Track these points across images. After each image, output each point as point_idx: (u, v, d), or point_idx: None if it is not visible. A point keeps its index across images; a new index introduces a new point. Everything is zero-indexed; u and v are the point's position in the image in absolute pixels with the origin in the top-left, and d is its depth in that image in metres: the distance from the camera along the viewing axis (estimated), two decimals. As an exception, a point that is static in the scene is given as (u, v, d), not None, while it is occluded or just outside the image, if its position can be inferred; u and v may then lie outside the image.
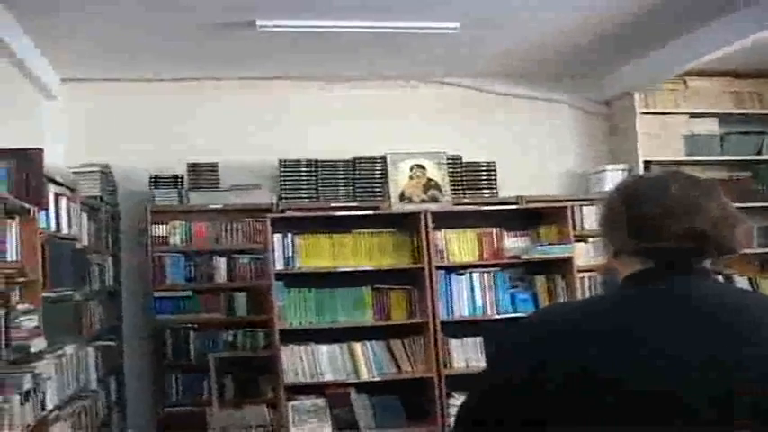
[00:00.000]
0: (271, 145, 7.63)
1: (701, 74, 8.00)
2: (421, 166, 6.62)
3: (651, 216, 1.75)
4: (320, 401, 6.05)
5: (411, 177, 6.60)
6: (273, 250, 6.08)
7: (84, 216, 6.26)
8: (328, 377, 6.07)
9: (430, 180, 6.62)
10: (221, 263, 7.41)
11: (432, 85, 8.13)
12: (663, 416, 1.58)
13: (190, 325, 7.36)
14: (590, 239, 7.25)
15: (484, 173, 7.86)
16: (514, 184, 7.82)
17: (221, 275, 7.41)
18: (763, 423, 1.58)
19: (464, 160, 7.80)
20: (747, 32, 6.49)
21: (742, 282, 8.08)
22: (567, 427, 1.63)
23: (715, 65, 7.55)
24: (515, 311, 6.30)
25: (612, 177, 7.91)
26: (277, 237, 6.12)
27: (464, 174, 7.80)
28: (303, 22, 6.33)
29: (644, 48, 7.45)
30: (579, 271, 6.55)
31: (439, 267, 6.25)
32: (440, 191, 6.61)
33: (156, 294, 7.28)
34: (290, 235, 6.15)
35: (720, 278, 7.25)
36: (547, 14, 6.46)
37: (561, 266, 6.47)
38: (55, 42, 6.56)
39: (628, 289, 1.78)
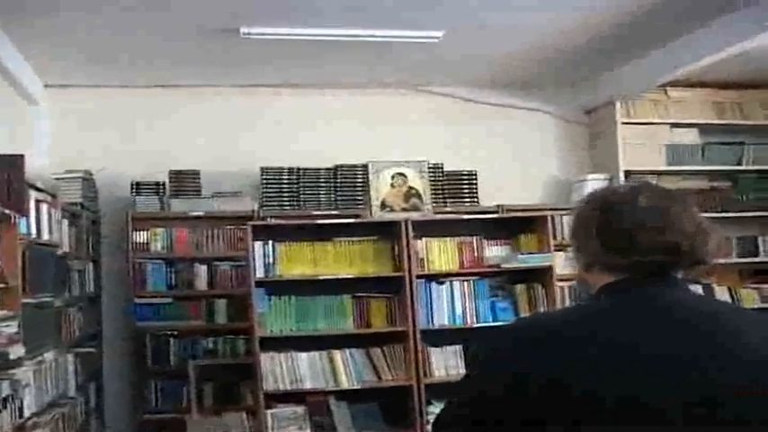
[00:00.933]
0: (253, 152, 7.63)
1: (682, 84, 8.04)
2: (402, 175, 6.64)
3: (622, 230, 1.75)
4: (300, 409, 6.05)
5: (392, 186, 6.61)
6: (254, 258, 6.09)
7: (66, 222, 6.25)
8: (308, 385, 6.08)
9: (411, 189, 6.63)
10: (202, 270, 7.40)
11: (414, 93, 8.15)
12: (642, 423, 1.59)
13: (170, 332, 7.34)
14: (570, 249, 7.26)
15: (465, 182, 7.88)
16: (496, 192, 7.84)
17: (202, 282, 7.39)
18: (742, 427, 1.61)
19: (446, 169, 7.81)
20: (729, 43, 6.53)
21: (721, 292, 8.14)
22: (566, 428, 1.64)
23: (696, 75, 7.61)
24: (495, 320, 6.33)
25: (593, 186, 7.89)
26: (258, 244, 6.12)
27: (445, 182, 7.81)
28: (287, 29, 6.34)
29: (626, 57, 7.49)
30: (559, 280, 6.57)
31: (419, 276, 6.27)
32: (421, 199, 6.62)
33: (137, 301, 7.26)
34: (270, 242, 6.16)
35: (699, 288, 7.32)
36: (529, 24, 6.49)
37: (541, 275, 6.50)
38: (38, 48, 6.54)
39: (603, 299, 1.79)
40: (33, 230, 5.19)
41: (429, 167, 6.96)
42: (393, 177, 6.63)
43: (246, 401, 7.08)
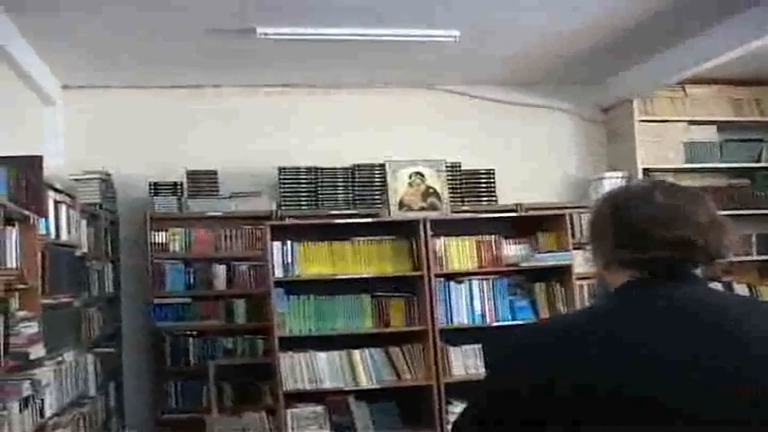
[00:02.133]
0: (270, 152, 7.64)
1: (699, 81, 8.01)
2: (420, 174, 6.63)
3: (638, 226, 1.76)
4: (319, 409, 6.06)
5: (410, 185, 6.61)
6: (272, 257, 6.09)
7: (84, 223, 6.27)
8: (327, 384, 6.07)
9: (429, 188, 6.63)
10: (221, 270, 7.41)
11: (431, 92, 8.14)
12: (662, 420, 1.59)
13: (189, 332, 7.37)
14: (588, 248, 7.23)
15: (483, 180, 7.86)
16: (513, 191, 7.82)
17: (221, 282, 7.41)
18: (761, 425, 1.60)
19: (463, 168, 7.80)
20: (747, 39, 6.49)
21: (741, 289, 8.09)
22: (567, 427, 1.64)
23: (714, 72, 7.54)
24: (514, 319, 6.31)
25: (611, 184, 7.90)
26: (276, 244, 6.13)
27: (463, 181, 7.80)
28: (303, 29, 6.34)
29: (643, 55, 7.47)
30: (578, 279, 6.52)
31: (438, 275, 6.26)
32: (438, 198, 6.62)
33: (156, 301, 7.28)
34: (289, 242, 6.16)
35: (719, 285, 7.28)
36: (546, 22, 6.47)
37: (560, 274, 6.47)
38: (55, 49, 6.57)
39: (621, 299, 1.79)
40: (52, 231, 5.21)
41: (446, 166, 6.95)
42: (411, 177, 6.63)
43: (266, 401, 7.08)
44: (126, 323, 7.63)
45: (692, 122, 8.24)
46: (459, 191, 7.73)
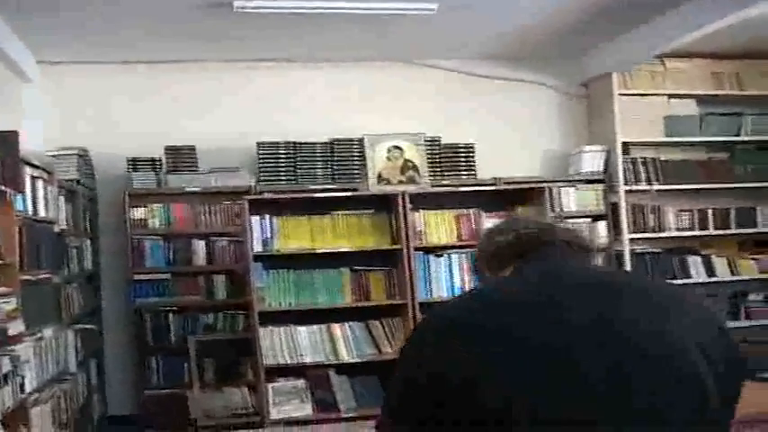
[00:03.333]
0: (249, 127, 7.61)
1: (680, 55, 8.01)
2: (398, 148, 6.62)
3: (520, 236, 2.00)
4: (300, 383, 6.06)
5: (388, 159, 6.60)
6: (251, 232, 6.08)
7: (62, 199, 6.24)
8: (308, 359, 6.07)
9: (407, 161, 6.62)
10: (200, 246, 7.40)
11: (412, 66, 8.12)
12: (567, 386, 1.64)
13: (169, 308, 7.36)
14: (568, 221, 7.28)
15: (462, 154, 7.86)
16: (493, 165, 7.81)
17: (200, 258, 7.40)
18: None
19: (443, 142, 7.80)
20: (726, 12, 6.47)
21: (720, 263, 8.15)
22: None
23: (694, 46, 7.54)
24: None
25: (591, 158, 7.96)
26: (255, 219, 6.11)
27: (443, 155, 7.80)
28: (281, 3, 6.31)
29: (622, 29, 7.45)
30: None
31: (417, 249, 6.26)
32: (417, 172, 6.61)
33: (136, 278, 7.27)
34: (267, 217, 6.14)
35: (697, 258, 7.31)
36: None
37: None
38: (31, 25, 6.51)
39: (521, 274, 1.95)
40: (30, 207, 5.19)
41: (426, 140, 6.95)
42: (389, 150, 6.62)
43: (247, 376, 7.08)
44: (106, 300, 7.62)
45: (671, 96, 8.23)
46: (438, 165, 7.72)
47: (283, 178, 7.54)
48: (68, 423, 5.70)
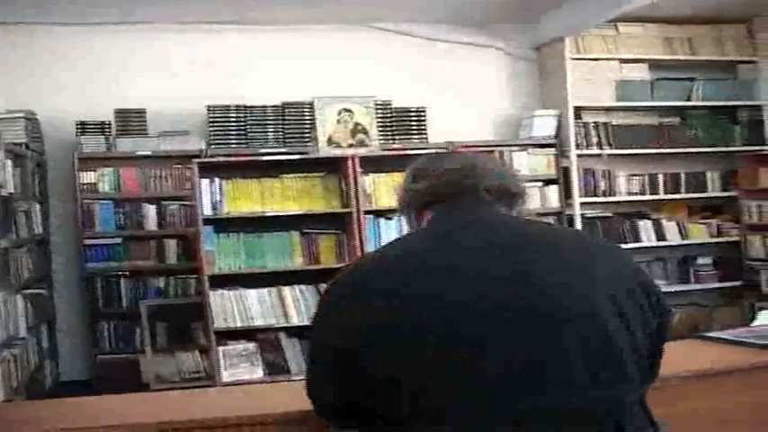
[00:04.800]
0: (200, 91, 7.52)
1: (632, 19, 8.04)
2: (349, 111, 6.61)
3: (437, 182, 2.00)
4: (251, 346, 6.08)
5: (338, 122, 6.59)
6: (201, 195, 6.06)
7: (9, 163, 6.15)
8: (258, 322, 6.09)
9: (357, 125, 6.61)
10: (151, 210, 7.35)
11: (364, 30, 8.06)
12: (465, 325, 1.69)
13: (120, 272, 7.33)
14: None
15: (414, 118, 7.85)
16: (445, 129, 7.81)
17: (151, 222, 7.35)
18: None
19: (394, 105, 7.78)
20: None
21: (671, 226, 8.24)
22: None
23: (646, 10, 7.57)
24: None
25: (543, 123, 7.98)
26: (204, 182, 6.09)
27: (394, 119, 7.78)
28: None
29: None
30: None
31: (367, 212, 6.28)
32: (367, 135, 6.61)
33: (86, 242, 7.22)
34: (217, 180, 6.12)
35: (648, 223, 7.37)
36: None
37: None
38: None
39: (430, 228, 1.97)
40: (-26, 170, 5.12)
41: (377, 104, 6.94)
42: (339, 113, 6.60)
43: (199, 340, 7.09)
44: (57, 265, 7.55)
45: (624, 61, 8.26)
46: (390, 128, 7.70)
47: (234, 142, 7.50)
48: (19, 388, 5.68)
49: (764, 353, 2.75)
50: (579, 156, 7.95)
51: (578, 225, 7.83)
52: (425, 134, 7.84)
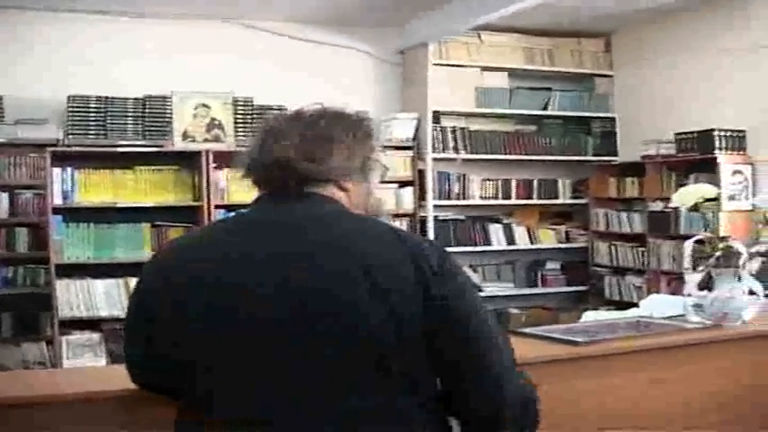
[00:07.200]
0: (60, 80, 7.40)
1: (496, 29, 8.26)
2: (206, 106, 6.66)
3: (252, 150, 2.00)
4: (95, 336, 6.09)
5: (194, 116, 6.63)
6: (52, 184, 6.03)
7: None
8: (104, 312, 6.10)
9: (214, 119, 6.67)
10: (3, 198, 7.19)
11: (230, 25, 8.05)
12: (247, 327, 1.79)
13: (-32, 261, 7.18)
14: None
15: (275, 115, 7.88)
16: (307, 128, 7.85)
17: (3, 211, 7.19)
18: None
19: (255, 103, 7.82)
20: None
21: (521, 231, 8.50)
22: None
23: (510, 21, 7.79)
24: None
25: (402, 125, 8.13)
26: (56, 171, 6.09)
27: (255, 116, 7.80)
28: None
29: (442, 0, 7.62)
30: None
31: (219, 206, 6.34)
32: (223, 131, 6.67)
33: (-66, 229, 7.07)
34: (69, 169, 6.10)
35: (498, 226, 7.56)
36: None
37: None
38: None
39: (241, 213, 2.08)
40: None
41: (238, 101, 6.98)
42: (196, 108, 6.65)
43: (45, 331, 6.98)
44: None
45: (485, 69, 8.48)
46: (250, 125, 7.71)
47: (92, 133, 7.39)
48: None
49: (566, 347, 2.98)
50: (435, 159, 8.12)
51: (431, 227, 8.01)
52: (285, 132, 7.87)
